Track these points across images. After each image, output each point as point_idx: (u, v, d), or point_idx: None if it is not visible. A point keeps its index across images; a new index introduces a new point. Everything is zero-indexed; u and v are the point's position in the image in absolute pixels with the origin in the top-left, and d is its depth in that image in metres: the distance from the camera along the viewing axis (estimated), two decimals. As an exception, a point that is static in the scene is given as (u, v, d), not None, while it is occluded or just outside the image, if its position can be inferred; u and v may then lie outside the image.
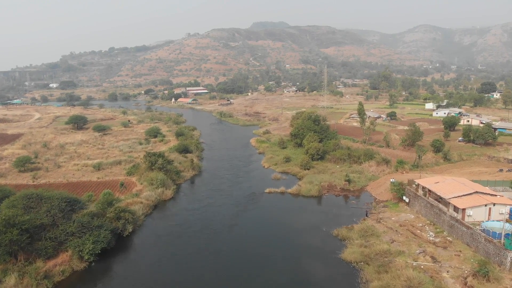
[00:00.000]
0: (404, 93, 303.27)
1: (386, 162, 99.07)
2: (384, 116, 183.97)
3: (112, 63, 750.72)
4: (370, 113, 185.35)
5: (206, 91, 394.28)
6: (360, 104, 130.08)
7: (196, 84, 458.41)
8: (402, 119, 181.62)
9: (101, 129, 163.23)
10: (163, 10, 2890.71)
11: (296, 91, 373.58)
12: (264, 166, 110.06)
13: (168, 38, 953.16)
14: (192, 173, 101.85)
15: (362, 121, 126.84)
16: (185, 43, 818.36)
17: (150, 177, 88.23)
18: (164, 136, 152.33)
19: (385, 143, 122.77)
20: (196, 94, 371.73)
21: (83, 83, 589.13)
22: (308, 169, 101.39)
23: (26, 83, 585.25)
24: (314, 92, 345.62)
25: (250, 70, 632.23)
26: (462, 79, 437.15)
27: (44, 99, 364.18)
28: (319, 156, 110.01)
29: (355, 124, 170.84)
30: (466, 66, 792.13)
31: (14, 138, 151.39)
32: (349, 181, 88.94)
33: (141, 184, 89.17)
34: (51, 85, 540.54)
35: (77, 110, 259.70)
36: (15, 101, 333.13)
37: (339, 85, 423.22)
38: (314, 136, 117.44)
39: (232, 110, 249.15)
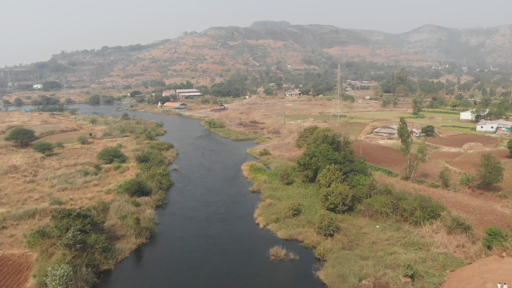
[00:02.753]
0: (425, 98, 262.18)
1: (465, 228, 58.52)
2: (416, 130, 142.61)
3: (104, 63, 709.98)
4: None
5: (199, 93, 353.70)
6: (402, 121, 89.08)
7: (189, 85, 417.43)
8: (441, 135, 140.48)
9: (45, 148, 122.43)
10: (163, 10, 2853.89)
11: (300, 94, 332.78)
12: (258, 224, 69.44)
13: (166, 38, 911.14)
14: (135, 242, 60.08)
15: (406, 147, 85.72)
16: (181, 42, 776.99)
17: (45, 269, 47.87)
18: (124, 159, 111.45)
19: (441, 181, 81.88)
20: (187, 97, 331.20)
21: (70, 83, 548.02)
22: (331, 235, 61.13)
23: (9, 84, 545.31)
24: (321, 95, 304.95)
25: (249, 70, 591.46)
26: (484, 79, 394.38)
27: (19, 102, 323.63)
28: (347, 207, 69.75)
29: (381, 142, 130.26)
30: (476, 67, 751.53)
31: None
32: (412, 276, 48.62)
33: (34, 277, 48.98)
34: (35, 86, 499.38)
35: (43, 117, 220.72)
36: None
37: (347, 87, 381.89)
38: (336, 172, 76.83)
39: (224, 118, 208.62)
